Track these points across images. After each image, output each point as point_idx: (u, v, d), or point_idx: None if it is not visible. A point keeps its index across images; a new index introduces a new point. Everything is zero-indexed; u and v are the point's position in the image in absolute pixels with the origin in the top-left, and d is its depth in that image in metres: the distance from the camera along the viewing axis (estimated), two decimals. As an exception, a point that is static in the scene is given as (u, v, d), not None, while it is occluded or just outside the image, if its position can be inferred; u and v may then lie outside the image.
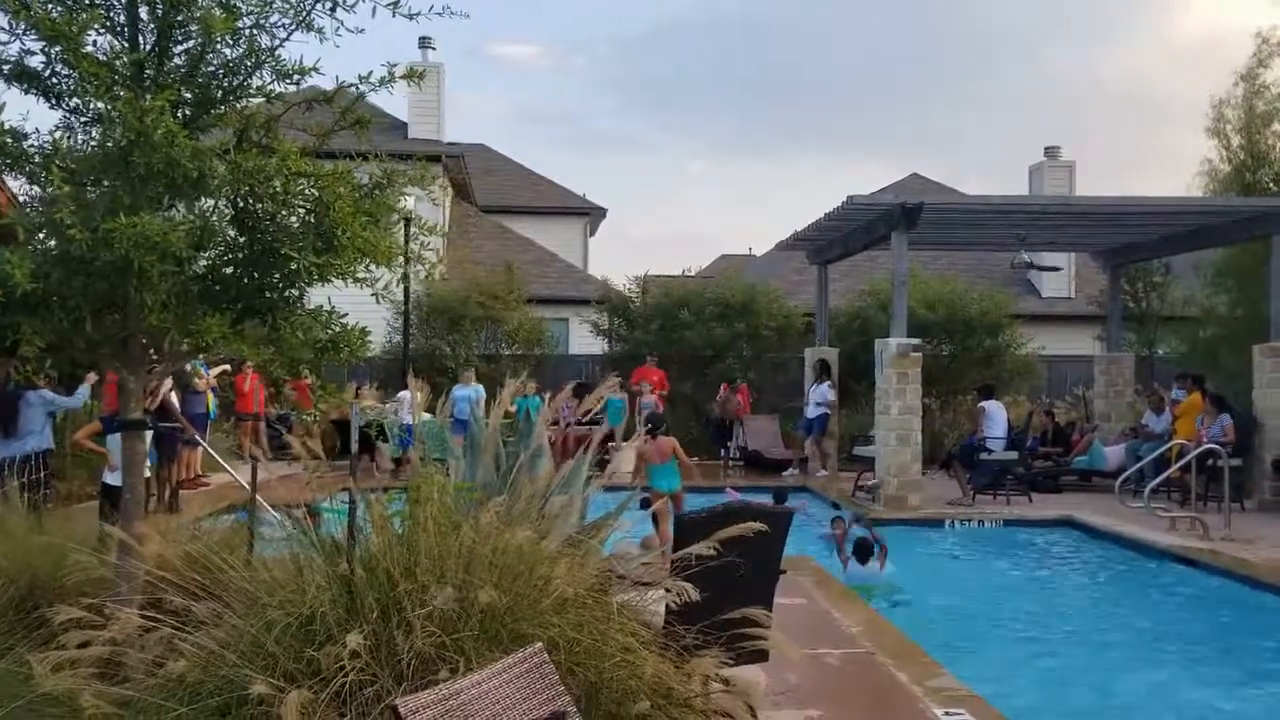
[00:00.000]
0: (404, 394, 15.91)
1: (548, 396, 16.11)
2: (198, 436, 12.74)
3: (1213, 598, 9.43)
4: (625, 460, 16.98)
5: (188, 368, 13.09)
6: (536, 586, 4.35)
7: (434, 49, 25.58)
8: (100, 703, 3.74)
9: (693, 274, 23.11)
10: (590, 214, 31.92)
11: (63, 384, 12.52)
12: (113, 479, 8.97)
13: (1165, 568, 10.51)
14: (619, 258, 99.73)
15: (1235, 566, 9.84)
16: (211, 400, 14.14)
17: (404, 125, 25.48)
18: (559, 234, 29.64)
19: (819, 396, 16.94)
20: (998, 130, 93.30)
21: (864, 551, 9.92)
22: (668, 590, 4.49)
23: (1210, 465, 12.43)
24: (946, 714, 5.58)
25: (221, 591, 4.50)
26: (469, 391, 15.87)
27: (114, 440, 8.94)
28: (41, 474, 9.74)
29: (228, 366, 14.62)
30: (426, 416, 14.43)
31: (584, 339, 22.55)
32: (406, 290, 18.64)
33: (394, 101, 31.26)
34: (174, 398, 12.60)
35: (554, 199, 31.50)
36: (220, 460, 12.41)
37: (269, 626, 4.10)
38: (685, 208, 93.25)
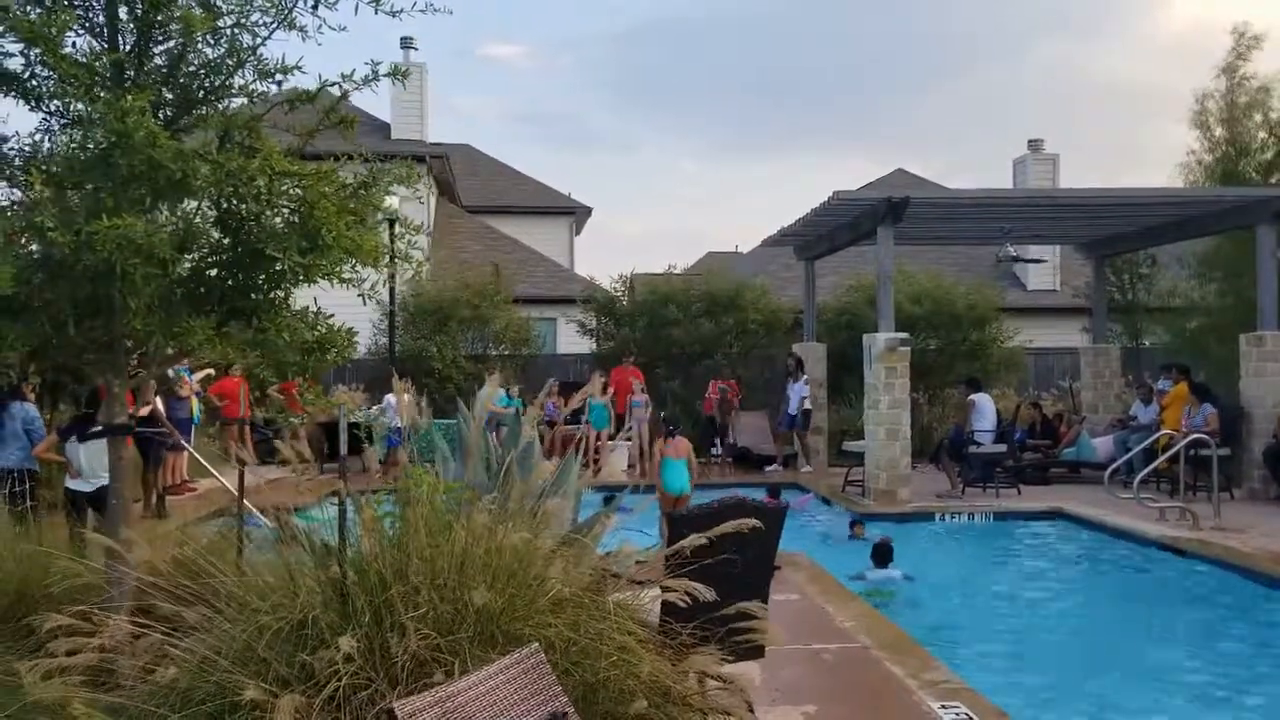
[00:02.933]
0: (389, 398, 15.86)
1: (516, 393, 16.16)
2: (183, 441, 12.63)
3: (1203, 587, 9.44)
4: (618, 459, 17.01)
5: (170, 373, 12.98)
6: (531, 587, 4.31)
7: (416, 49, 25.52)
8: (91, 710, 3.68)
9: (679, 271, 23.08)
10: (576, 213, 31.85)
11: (47, 394, 12.43)
12: (75, 485, 9.00)
13: (1155, 557, 10.52)
14: (606, 256, 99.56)
15: (1225, 555, 9.86)
16: (195, 405, 14.02)
17: (387, 126, 25.39)
18: (544, 233, 29.59)
19: (797, 393, 16.96)
20: (986, 127, 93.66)
21: (882, 554, 9.81)
22: (672, 589, 4.44)
23: (1194, 455, 12.46)
24: (943, 707, 5.57)
25: (212, 597, 4.45)
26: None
27: (72, 447, 8.96)
28: (26, 485, 9.60)
29: (211, 371, 14.51)
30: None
31: (571, 338, 22.50)
32: (392, 291, 18.56)
33: (377, 102, 31.18)
34: (159, 403, 12.50)
35: (539, 198, 31.42)
36: (207, 465, 12.32)
37: (260, 631, 4.05)
38: (673, 206, 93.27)
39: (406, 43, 25.40)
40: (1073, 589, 10.03)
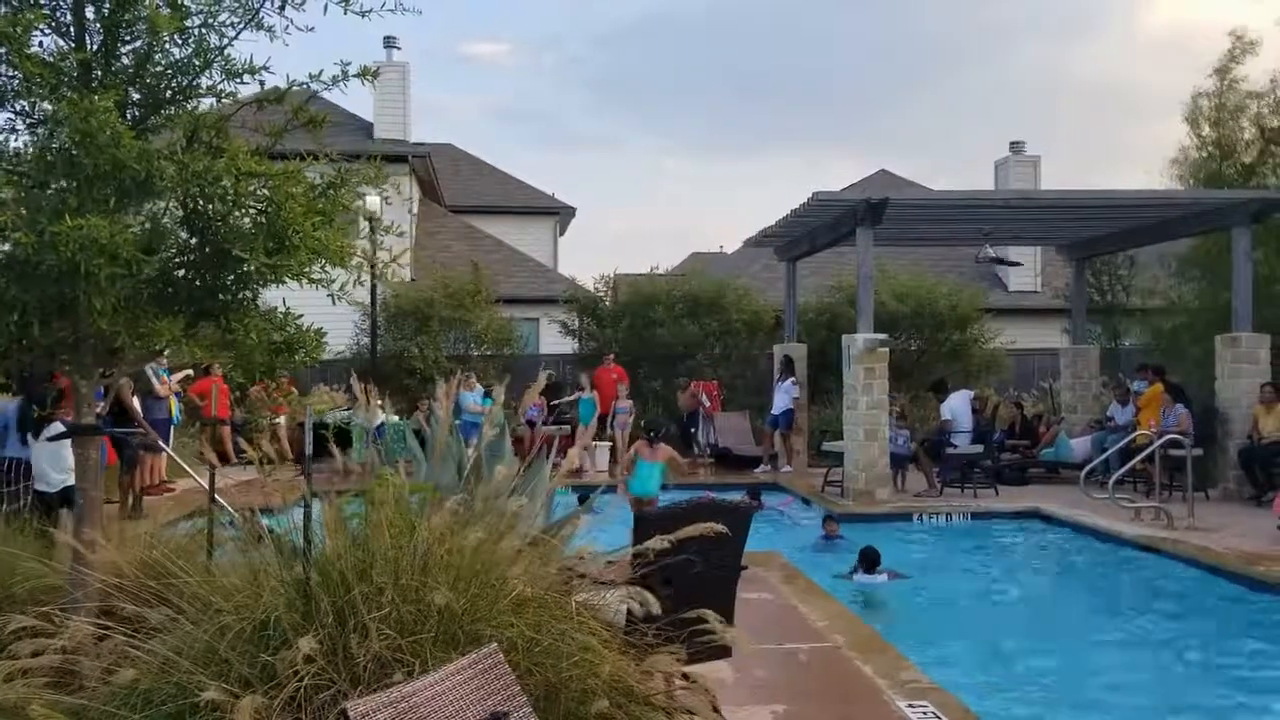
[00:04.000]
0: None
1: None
2: (160, 442, 12.59)
3: (1177, 586, 9.51)
4: (599, 458, 17.01)
5: (148, 372, 12.94)
6: (494, 587, 4.32)
7: (399, 48, 25.50)
8: (51, 712, 3.67)
9: (662, 272, 23.15)
10: (559, 213, 31.84)
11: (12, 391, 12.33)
12: (41, 486, 9.03)
13: (1130, 557, 10.60)
14: (590, 256, 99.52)
15: (1198, 555, 9.94)
16: (175, 405, 13.96)
17: (370, 125, 25.34)
18: (528, 233, 29.57)
19: (784, 393, 16.98)
20: (968, 129, 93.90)
21: (870, 561, 9.80)
22: (630, 595, 4.45)
23: (1166, 455, 12.55)
24: (910, 706, 5.60)
25: (176, 598, 4.44)
26: (473, 395, 16.02)
27: (35, 448, 8.97)
28: (21, 484, 9.58)
29: (190, 371, 14.46)
30: (386, 417, 14.29)
31: (554, 339, 22.50)
32: (373, 291, 18.52)
33: (359, 102, 31.07)
34: (135, 402, 12.45)
35: (523, 198, 31.39)
36: (185, 465, 12.28)
37: (223, 632, 4.05)
38: (658, 206, 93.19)
39: (390, 42, 25.40)
40: (1048, 589, 10.10)
